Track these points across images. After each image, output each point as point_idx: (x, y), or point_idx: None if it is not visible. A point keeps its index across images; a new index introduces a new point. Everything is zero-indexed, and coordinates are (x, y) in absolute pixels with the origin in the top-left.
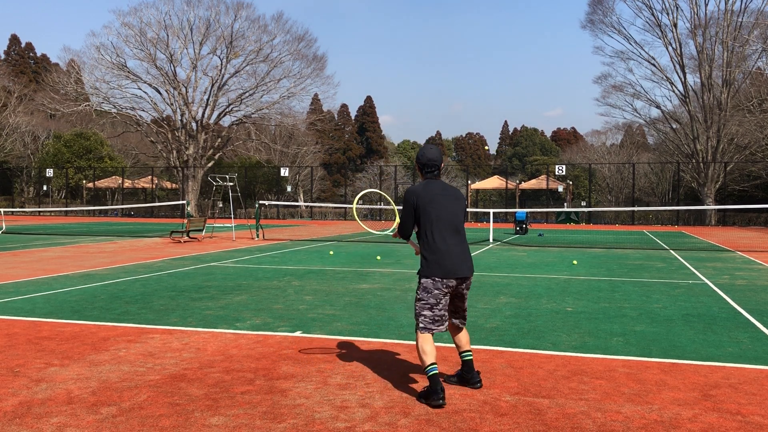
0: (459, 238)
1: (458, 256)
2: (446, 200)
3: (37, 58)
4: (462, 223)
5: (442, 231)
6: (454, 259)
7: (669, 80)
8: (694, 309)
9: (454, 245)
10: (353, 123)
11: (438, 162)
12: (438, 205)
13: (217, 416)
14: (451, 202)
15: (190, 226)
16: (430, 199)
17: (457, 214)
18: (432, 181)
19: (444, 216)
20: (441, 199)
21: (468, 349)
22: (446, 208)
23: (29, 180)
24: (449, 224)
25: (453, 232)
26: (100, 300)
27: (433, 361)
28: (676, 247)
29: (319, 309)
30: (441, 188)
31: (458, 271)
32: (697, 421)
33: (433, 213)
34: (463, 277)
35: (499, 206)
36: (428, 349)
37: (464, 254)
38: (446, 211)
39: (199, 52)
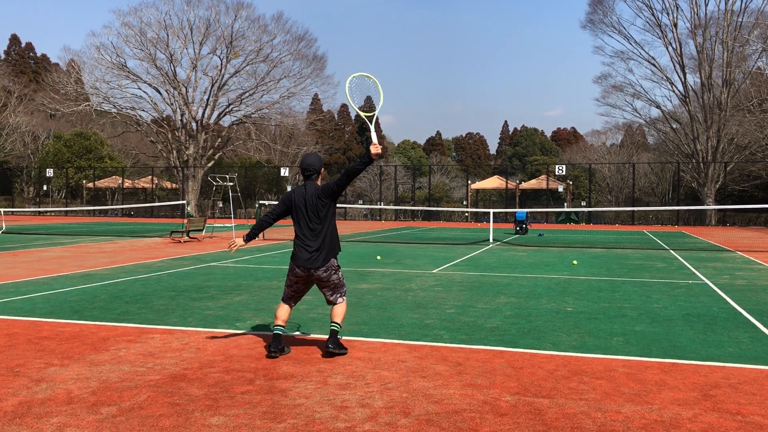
0: (310, 237)
1: (305, 253)
2: (302, 203)
3: (37, 58)
4: (314, 220)
5: (297, 230)
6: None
7: (669, 80)
8: (694, 309)
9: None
10: (353, 123)
11: (313, 167)
12: (297, 207)
13: (217, 416)
14: (305, 205)
15: (190, 226)
16: (293, 202)
17: (309, 215)
18: (304, 185)
19: (300, 217)
20: (300, 203)
21: (335, 321)
22: (302, 210)
23: (29, 180)
24: (303, 225)
25: (306, 232)
26: (100, 300)
27: (278, 323)
28: (676, 247)
29: (319, 309)
30: (302, 193)
31: (303, 263)
32: (697, 421)
33: (294, 214)
34: (308, 269)
35: (499, 206)
36: (279, 314)
37: (311, 251)
38: (302, 213)
39: (199, 52)
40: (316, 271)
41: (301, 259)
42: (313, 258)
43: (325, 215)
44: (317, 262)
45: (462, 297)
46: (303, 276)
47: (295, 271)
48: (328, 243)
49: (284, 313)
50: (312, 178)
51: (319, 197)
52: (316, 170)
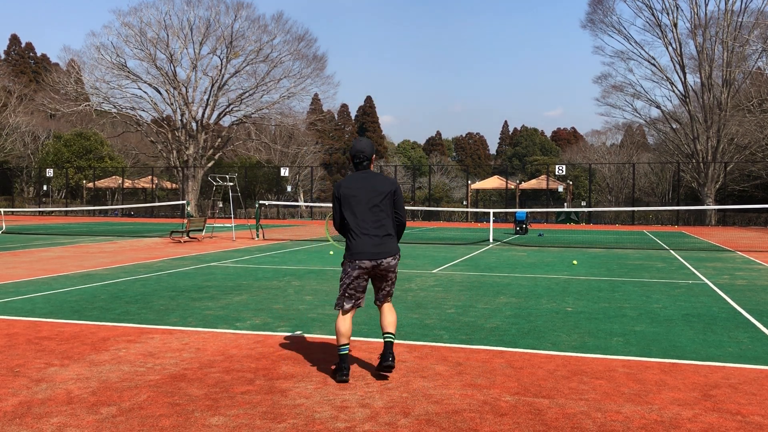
0: (374, 225)
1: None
2: (364, 191)
3: (37, 58)
4: (380, 210)
5: (357, 220)
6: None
7: (669, 80)
8: (694, 309)
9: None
10: (353, 123)
11: (366, 153)
12: (356, 196)
13: (217, 416)
14: (369, 193)
15: (190, 226)
16: (349, 191)
17: (374, 204)
18: (358, 173)
19: (361, 206)
20: (359, 190)
21: (389, 331)
22: (363, 198)
23: (29, 180)
24: (365, 213)
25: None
26: (100, 300)
27: (345, 342)
28: (676, 247)
29: (319, 309)
30: (361, 180)
31: (370, 254)
32: (697, 421)
33: (351, 203)
34: (376, 260)
35: (499, 206)
36: (343, 330)
37: (378, 240)
38: (363, 202)
39: (199, 52)
40: (380, 262)
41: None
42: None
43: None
44: (387, 253)
45: (462, 297)
46: (368, 268)
47: (357, 264)
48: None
49: (349, 327)
50: (364, 165)
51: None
52: (368, 156)
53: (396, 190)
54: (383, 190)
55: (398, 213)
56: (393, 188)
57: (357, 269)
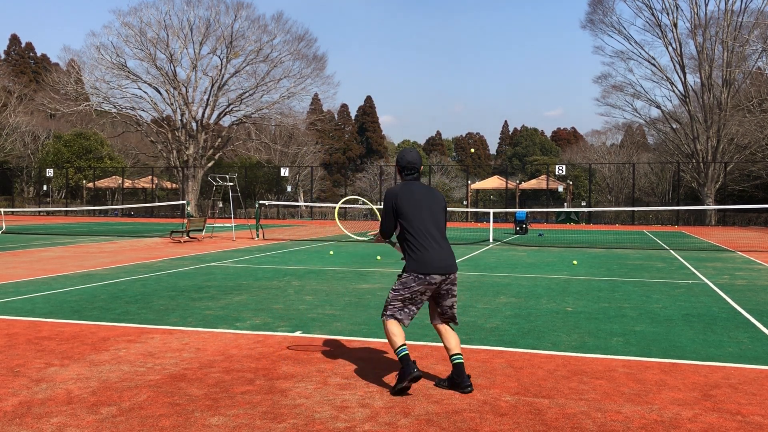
0: (439, 237)
1: (439, 254)
2: (426, 201)
3: (37, 58)
4: (441, 222)
5: (422, 231)
6: (435, 257)
7: (669, 80)
8: (694, 309)
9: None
10: (353, 123)
11: (417, 165)
12: (418, 205)
13: (217, 416)
14: (431, 203)
15: (190, 226)
16: (409, 201)
17: (436, 215)
18: (411, 182)
19: (425, 216)
20: (421, 200)
21: (458, 351)
22: (426, 208)
23: (29, 180)
24: (429, 224)
25: (434, 232)
26: (100, 300)
27: (401, 343)
28: (676, 247)
29: (319, 309)
30: (420, 190)
31: (440, 268)
32: (697, 421)
33: (413, 213)
34: (446, 274)
35: (499, 206)
36: (397, 331)
37: (445, 252)
38: (427, 212)
39: (199, 52)
40: (450, 276)
41: (435, 261)
42: (450, 263)
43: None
44: (453, 266)
45: (462, 297)
46: (435, 284)
47: (426, 279)
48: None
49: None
50: (415, 176)
51: (437, 200)
52: (418, 168)
53: (446, 207)
54: (443, 205)
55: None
56: (444, 204)
57: (421, 285)
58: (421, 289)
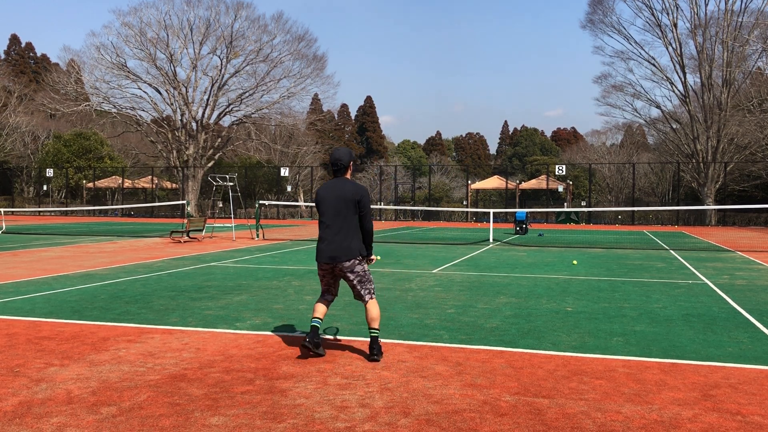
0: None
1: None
2: (333, 196)
3: (37, 58)
4: (341, 215)
5: (323, 223)
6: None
7: (669, 80)
8: (694, 309)
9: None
10: (353, 123)
11: (341, 161)
12: (326, 200)
13: (217, 416)
14: (337, 198)
15: (190, 226)
16: (323, 195)
17: (339, 209)
18: (334, 179)
19: (327, 210)
20: (329, 195)
21: (372, 326)
22: (332, 203)
23: (29, 180)
24: (330, 217)
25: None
26: (100, 300)
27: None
28: (676, 247)
29: None
30: (333, 185)
31: (326, 257)
32: (697, 421)
33: (322, 207)
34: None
35: (499, 206)
36: (317, 306)
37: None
38: (331, 206)
39: (199, 52)
40: (338, 264)
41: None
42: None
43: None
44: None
45: (462, 297)
46: (329, 269)
47: (320, 265)
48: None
49: (321, 308)
50: (341, 172)
51: (353, 201)
52: (345, 165)
53: (361, 199)
54: (349, 197)
55: (362, 220)
56: (358, 197)
57: (320, 269)
58: (321, 273)
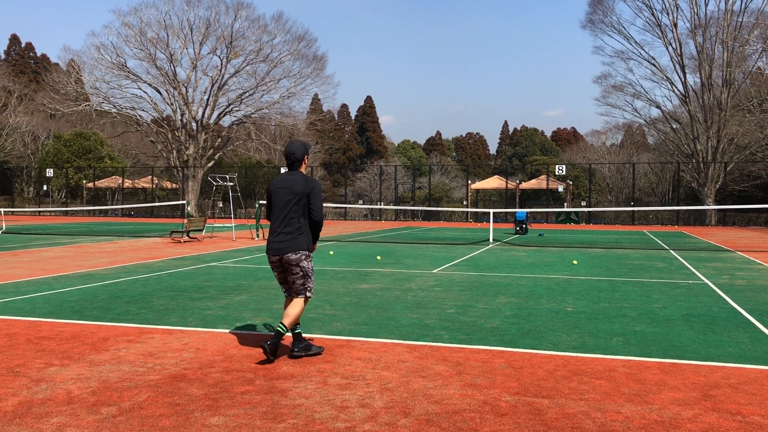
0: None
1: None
2: (282, 189)
3: (37, 58)
4: (288, 209)
5: (272, 216)
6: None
7: (669, 80)
8: (694, 309)
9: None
10: (353, 123)
11: (293, 155)
12: (276, 193)
13: (217, 416)
14: (285, 192)
15: (190, 226)
16: (273, 189)
17: (286, 203)
18: (287, 172)
19: (276, 204)
20: (278, 189)
21: (284, 322)
22: (281, 197)
23: (29, 180)
24: (278, 211)
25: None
26: (100, 300)
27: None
28: (676, 247)
29: (319, 309)
30: (283, 179)
31: (272, 249)
32: (697, 421)
33: (272, 201)
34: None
35: (499, 206)
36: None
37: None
38: (279, 200)
39: (199, 52)
40: (283, 257)
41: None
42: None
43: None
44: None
45: (462, 297)
46: (276, 262)
47: (269, 257)
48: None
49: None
50: (294, 166)
51: (304, 194)
52: (298, 159)
53: (311, 192)
54: (300, 191)
55: (312, 212)
56: (308, 190)
57: (270, 263)
58: (272, 266)
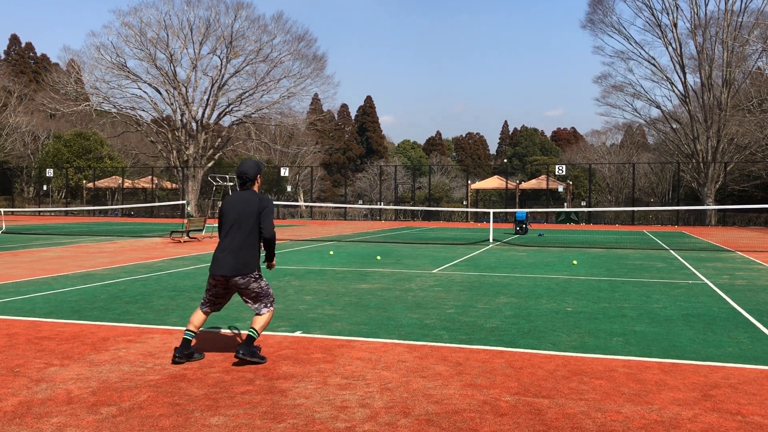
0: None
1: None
2: (234, 210)
3: (37, 58)
4: (242, 230)
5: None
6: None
7: (669, 80)
8: (694, 309)
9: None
10: (353, 123)
11: (246, 175)
12: (227, 213)
13: (217, 416)
14: (238, 213)
15: (190, 226)
16: (224, 209)
17: (240, 223)
18: (239, 192)
19: (227, 223)
20: (230, 210)
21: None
22: (232, 217)
23: (29, 180)
24: (229, 230)
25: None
26: (100, 300)
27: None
28: (676, 247)
29: (319, 309)
30: (236, 199)
31: (220, 269)
32: (697, 421)
33: (222, 220)
34: (224, 276)
35: (499, 206)
36: (194, 318)
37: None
38: (231, 219)
39: (199, 52)
40: (231, 278)
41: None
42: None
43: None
44: (236, 270)
45: (462, 297)
46: (222, 282)
47: (213, 277)
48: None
49: (200, 320)
50: (247, 186)
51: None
52: (250, 178)
53: (263, 211)
54: (250, 211)
55: (262, 229)
56: (259, 209)
57: (212, 280)
58: (213, 284)
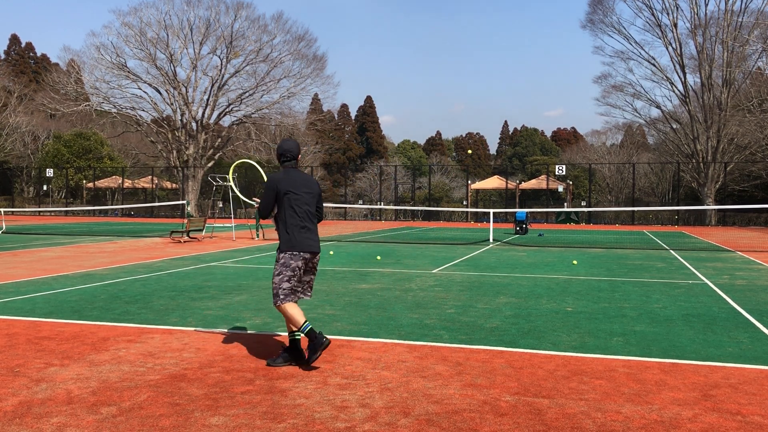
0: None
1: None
2: (303, 188)
3: (37, 58)
4: (313, 207)
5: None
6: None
7: (669, 80)
8: (694, 309)
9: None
10: (353, 123)
11: (293, 152)
12: (297, 191)
13: (217, 416)
14: (307, 190)
15: (190, 226)
16: (288, 185)
17: (309, 200)
18: (290, 170)
19: (301, 201)
20: (299, 187)
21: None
22: (303, 194)
23: (29, 180)
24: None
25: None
26: (100, 300)
27: (304, 320)
28: (676, 247)
29: (319, 309)
30: (299, 177)
31: (310, 246)
32: (697, 421)
33: (292, 197)
34: (313, 252)
35: (499, 206)
36: (296, 312)
37: (315, 233)
38: (303, 197)
39: (199, 52)
40: (317, 255)
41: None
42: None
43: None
44: (318, 247)
45: (462, 297)
46: (308, 260)
47: (301, 255)
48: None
49: (300, 310)
50: (292, 163)
51: (318, 194)
52: (295, 156)
53: (320, 194)
54: (314, 192)
55: (320, 210)
56: (318, 192)
57: (300, 260)
58: (300, 265)
